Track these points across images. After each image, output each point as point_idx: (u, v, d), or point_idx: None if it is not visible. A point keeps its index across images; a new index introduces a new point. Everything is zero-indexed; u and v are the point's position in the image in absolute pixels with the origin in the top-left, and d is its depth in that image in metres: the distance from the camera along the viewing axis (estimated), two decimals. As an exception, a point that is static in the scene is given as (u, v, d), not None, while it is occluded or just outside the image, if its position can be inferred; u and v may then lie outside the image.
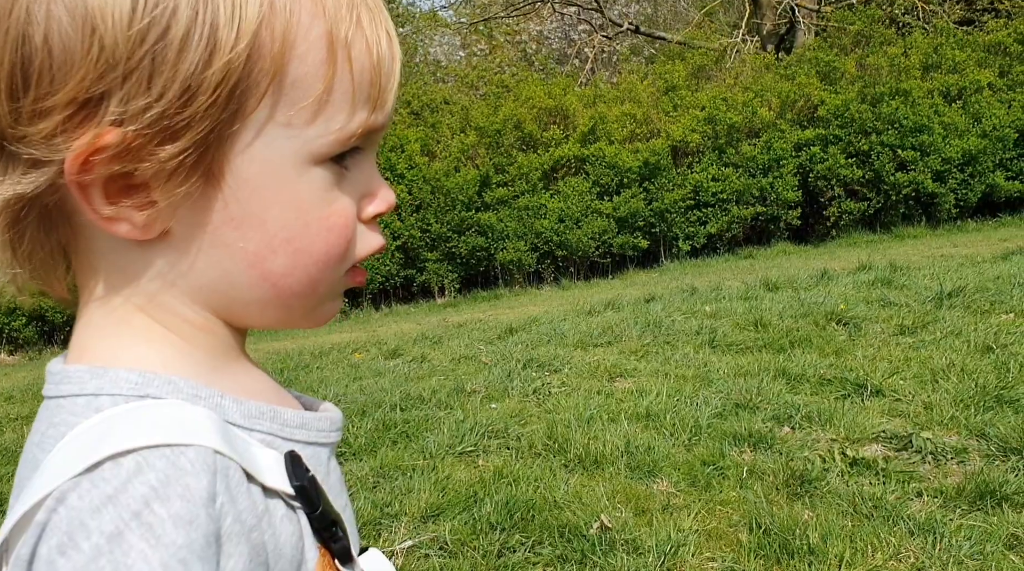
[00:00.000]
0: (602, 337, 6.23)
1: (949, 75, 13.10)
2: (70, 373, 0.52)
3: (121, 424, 0.48)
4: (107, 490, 0.44)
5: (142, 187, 0.50)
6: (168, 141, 0.49)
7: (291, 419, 0.58)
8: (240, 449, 0.51)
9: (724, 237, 12.94)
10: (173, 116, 0.48)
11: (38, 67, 0.47)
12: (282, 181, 0.54)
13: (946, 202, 12.46)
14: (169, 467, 0.45)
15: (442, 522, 3.16)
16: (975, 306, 5.69)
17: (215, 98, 0.49)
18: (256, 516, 0.50)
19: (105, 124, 0.47)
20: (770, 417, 4.02)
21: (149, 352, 0.53)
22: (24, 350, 11.27)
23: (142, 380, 0.51)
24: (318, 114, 0.53)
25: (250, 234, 0.54)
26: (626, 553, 2.81)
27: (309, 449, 0.58)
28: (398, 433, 4.25)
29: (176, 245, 0.53)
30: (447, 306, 11.79)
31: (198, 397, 0.52)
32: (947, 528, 2.76)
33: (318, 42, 0.52)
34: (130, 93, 0.47)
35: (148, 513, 0.44)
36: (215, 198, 0.53)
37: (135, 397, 0.50)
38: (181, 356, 0.54)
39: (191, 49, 0.48)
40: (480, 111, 13.79)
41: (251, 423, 0.55)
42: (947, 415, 3.75)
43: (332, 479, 0.61)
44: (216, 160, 0.51)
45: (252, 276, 0.55)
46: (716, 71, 15.38)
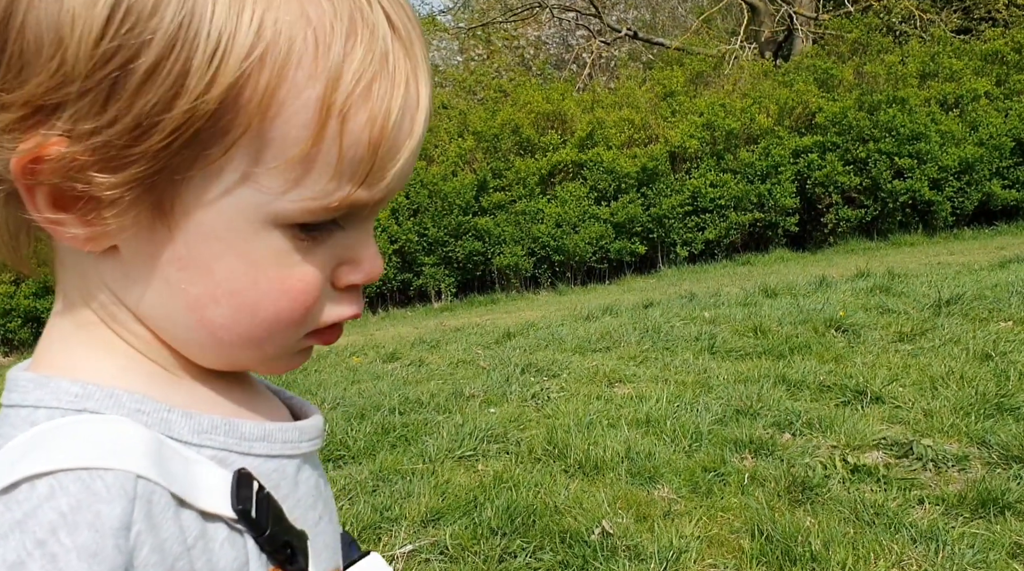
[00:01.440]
0: (600, 342, 6.23)
1: (946, 83, 13.14)
2: (20, 381, 0.51)
3: (44, 443, 0.46)
4: (17, 515, 0.43)
5: (90, 201, 0.48)
6: (110, 170, 0.47)
7: (250, 432, 0.55)
8: (175, 470, 0.48)
9: (722, 243, 12.95)
10: (121, 148, 0.46)
11: (7, 57, 0.46)
12: (237, 235, 0.50)
13: (943, 210, 12.49)
14: (82, 492, 0.44)
15: (442, 526, 3.14)
16: (973, 314, 5.70)
17: (170, 141, 0.46)
18: (184, 544, 0.47)
19: (52, 135, 0.46)
20: (771, 423, 4.01)
21: (103, 360, 0.52)
22: (19, 351, 11.24)
23: (83, 392, 0.49)
24: (289, 178, 0.49)
25: (195, 278, 0.51)
26: (628, 559, 2.80)
27: (272, 463, 0.56)
28: (397, 437, 4.24)
29: (123, 266, 0.52)
30: (444, 310, 11.78)
31: (140, 412, 0.50)
32: (949, 536, 2.75)
33: (308, 105, 0.48)
34: (81, 112, 0.45)
35: (53, 542, 0.42)
36: (163, 234, 0.50)
37: (72, 411, 0.48)
38: (137, 365, 0.53)
39: (155, 85, 0.45)
40: (478, 116, 13.80)
41: (201, 439, 0.52)
42: (947, 423, 3.75)
43: (301, 491, 0.58)
44: (167, 199, 0.49)
45: (191, 319, 0.53)
46: (714, 77, 15.41)
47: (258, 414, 0.58)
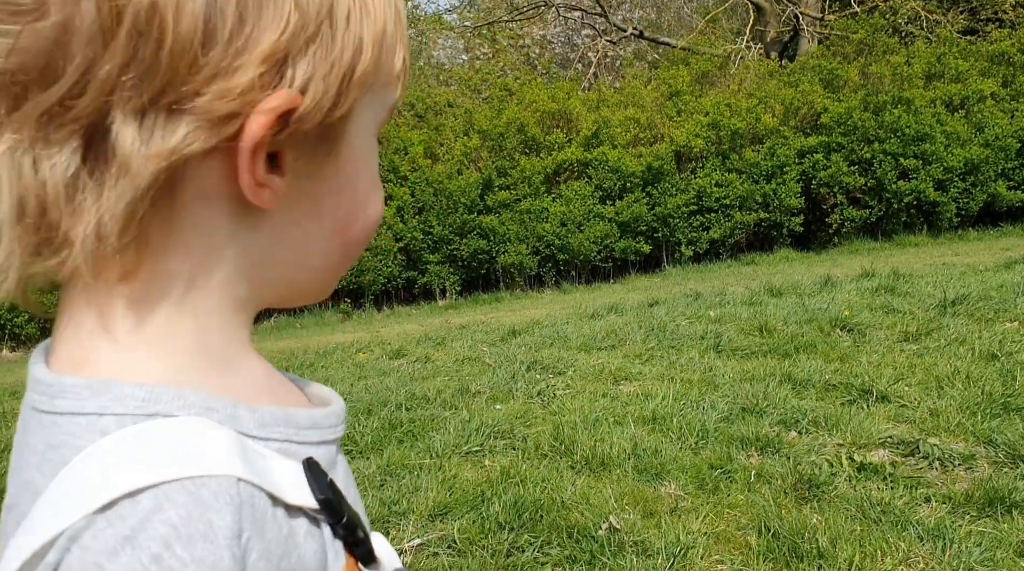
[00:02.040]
0: (606, 341, 6.24)
1: (952, 84, 13.13)
2: (66, 387, 0.47)
3: (134, 452, 0.43)
4: (124, 530, 0.40)
5: (277, 155, 0.49)
6: (336, 107, 0.49)
7: (303, 420, 0.54)
8: (260, 469, 0.47)
9: (727, 243, 12.95)
10: (347, 81, 0.49)
11: (231, 21, 0.44)
12: (368, 148, 0.56)
13: (948, 211, 12.48)
14: (191, 502, 0.42)
15: (450, 521, 3.16)
16: (979, 314, 5.70)
17: (371, 65, 0.50)
18: (283, 544, 0.46)
19: (297, 86, 0.46)
20: (777, 422, 4.02)
21: (159, 359, 0.48)
22: (26, 346, 11.26)
23: (149, 396, 0.46)
24: (390, 86, 0.55)
25: (344, 201, 0.55)
26: (635, 555, 2.81)
27: (321, 449, 0.55)
28: (404, 432, 4.26)
29: (276, 215, 0.51)
30: (448, 308, 11.79)
31: (211, 409, 0.48)
32: (956, 534, 2.76)
33: (393, 19, 0.53)
34: (316, 56, 0.47)
35: (169, 557, 0.40)
36: (329, 165, 0.53)
37: (143, 416, 0.45)
38: (196, 354, 0.50)
39: (356, 14, 0.49)
40: (483, 114, 13.80)
41: (266, 432, 0.50)
42: (954, 422, 3.76)
43: (340, 472, 0.58)
44: (345, 128, 0.52)
45: (334, 243, 0.56)
46: (720, 77, 15.40)
47: (293, 399, 0.58)
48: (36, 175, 0.44)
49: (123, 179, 0.43)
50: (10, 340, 11.29)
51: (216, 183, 0.48)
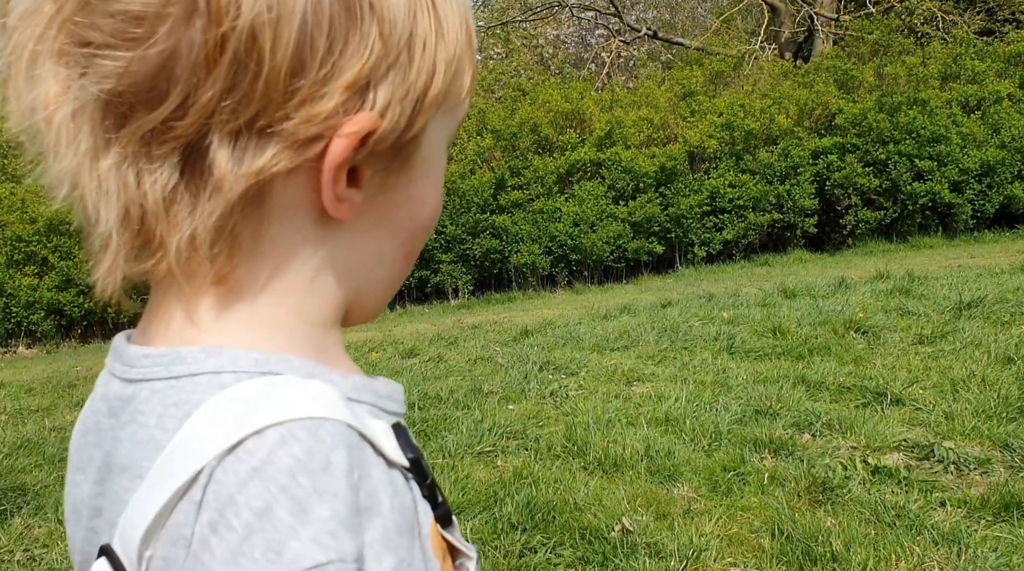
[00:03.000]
0: (618, 341, 6.23)
1: (968, 86, 13.04)
2: (183, 354, 0.51)
3: (256, 398, 0.48)
4: (252, 462, 0.44)
5: (356, 171, 0.52)
6: (410, 127, 0.52)
7: (383, 390, 0.58)
8: (363, 423, 0.51)
9: (740, 244, 12.91)
10: (421, 102, 0.51)
11: (321, 51, 0.47)
12: (439, 162, 0.59)
13: (963, 213, 12.40)
14: (311, 439, 0.46)
15: (463, 521, 3.16)
16: (995, 317, 5.67)
17: (444, 87, 0.53)
18: (390, 486, 0.50)
19: (378, 109, 0.49)
20: (790, 424, 4.01)
21: (263, 334, 0.53)
22: (42, 344, 11.32)
23: (260, 357, 0.51)
24: (461, 104, 0.58)
25: (414, 213, 0.58)
26: (648, 556, 2.81)
27: (397, 419, 0.59)
28: (416, 432, 4.26)
29: (353, 226, 0.55)
30: (461, 308, 11.80)
31: (313, 374, 0.52)
32: (972, 539, 2.75)
33: (464, 35, 0.56)
34: (395, 80, 0.50)
35: (295, 486, 0.44)
36: (401, 179, 0.55)
37: (257, 374, 0.50)
38: (293, 341, 0.54)
39: (432, 40, 0.51)
40: (497, 114, 13.80)
41: (359, 395, 0.55)
42: (969, 425, 3.73)
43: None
44: (419, 145, 0.55)
45: (400, 253, 0.59)
46: (734, 78, 15.35)
47: None
48: (139, 187, 0.48)
49: (216, 195, 0.48)
50: (26, 337, 11.36)
51: (301, 195, 0.52)
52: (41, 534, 3.34)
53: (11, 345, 11.29)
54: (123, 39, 0.45)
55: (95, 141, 0.48)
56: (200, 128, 0.47)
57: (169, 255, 0.49)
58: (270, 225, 0.52)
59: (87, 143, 0.48)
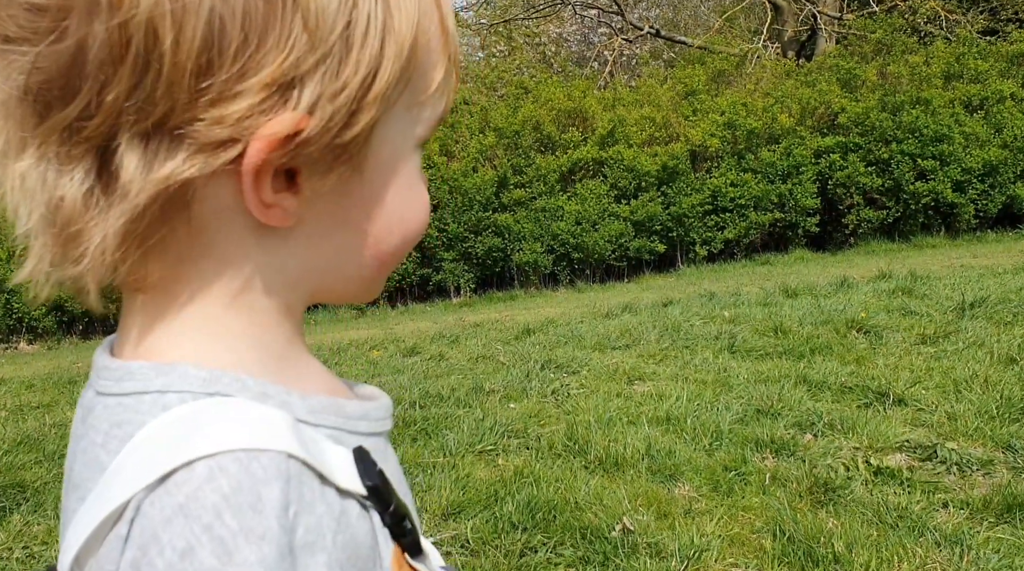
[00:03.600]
0: (620, 340, 6.22)
1: (971, 85, 13.01)
2: (133, 369, 0.49)
3: (189, 426, 0.46)
4: (179, 498, 0.42)
5: (294, 173, 0.49)
6: (348, 127, 0.48)
7: (352, 410, 0.56)
8: (313, 450, 0.49)
9: (742, 243, 12.89)
10: (359, 101, 0.48)
11: (234, 47, 0.44)
12: (403, 163, 0.56)
13: (966, 212, 12.38)
14: (241, 473, 0.43)
15: (463, 520, 3.15)
16: (997, 317, 5.65)
17: (389, 84, 0.49)
18: (335, 520, 0.48)
19: (301, 109, 0.46)
20: (792, 424, 4.00)
21: (218, 346, 0.51)
22: (43, 339, 11.33)
23: (210, 377, 0.49)
24: (432, 101, 0.55)
25: (375, 216, 0.55)
26: (649, 556, 2.80)
27: (371, 440, 0.57)
28: (418, 430, 4.26)
29: (304, 230, 0.53)
30: (463, 306, 11.79)
31: (266, 395, 0.50)
32: (974, 540, 2.74)
33: (436, 31, 0.54)
34: (325, 77, 0.46)
35: (219, 526, 0.42)
36: (354, 182, 0.53)
37: (203, 395, 0.48)
38: (254, 349, 0.52)
39: (372, 33, 0.48)
40: (499, 112, 13.78)
41: (318, 419, 0.52)
42: (972, 426, 3.72)
43: (391, 466, 0.59)
44: (367, 146, 0.52)
45: (367, 256, 0.56)
46: (736, 76, 15.34)
47: (342, 393, 0.60)
48: (56, 189, 0.46)
49: (123, 200, 0.45)
50: (28, 333, 11.36)
51: (232, 199, 0.49)
52: (40, 531, 3.34)
53: (12, 341, 11.30)
54: (32, 32, 0.43)
55: (16, 139, 0.46)
56: (110, 129, 0.44)
57: (86, 261, 0.47)
58: (205, 231, 0.49)
59: (7, 141, 0.46)
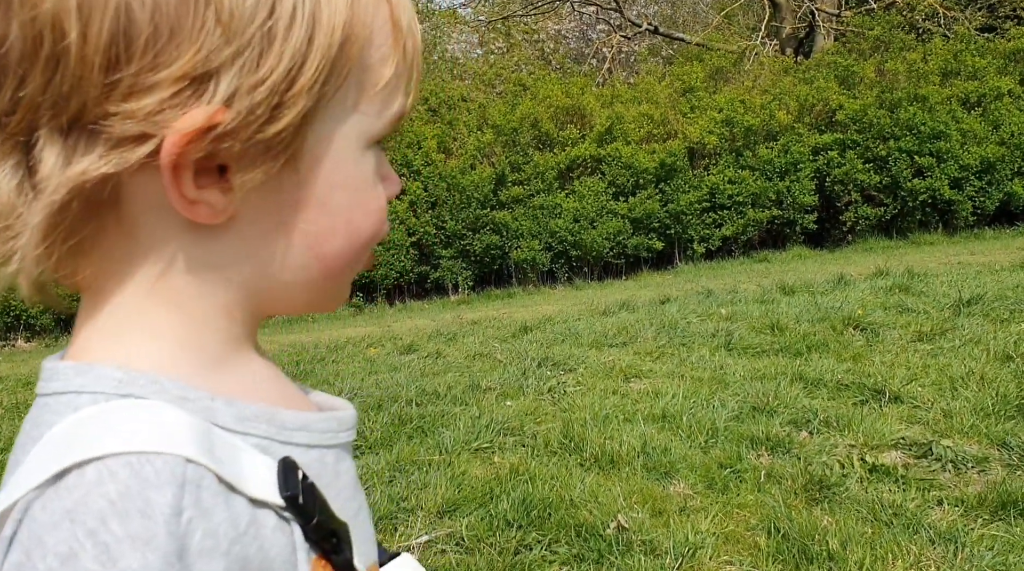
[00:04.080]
0: (617, 338, 6.22)
1: (969, 82, 13.02)
2: (59, 370, 0.49)
3: (91, 428, 0.45)
4: (67, 503, 0.42)
5: (226, 167, 0.48)
6: (273, 120, 0.47)
7: (290, 421, 0.54)
8: (224, 456, 0.47)
9: (739, 240, 12.90)
10: (282, 94, 0.47)
11: (143, 40, 0.43)
12: (348, 163, 0.53)
13: (963, 209, 12.39)
14: (132, 477, 0.42)
15: (458, 518, 3.15)
16: (994, 315, 5.65)
17: (316, 77, 0.48)
18: (237, 530, 0.46)
19: (216, 102, 0.45)
20: (787, 421, 4.00)
21: (150, 347, 0.50)
22: (41, 337, 11.33)
23: (126, 377, 0.48)
24: (381, 98, 0.53)
25: (315, 216, 0.53)
26: (643, 554, 2.80)
27: (313, 452, 0.55)
28: (414, 428, 4.25)
29: (239, 228, 0.51)
30: (461, 303, 11.79)
31: (185, 399, 0.49)
32: (968, 538, 2.73)
33: (385, 26, 0.52)
34: (243, 70, 0.45)
35: (104, 532, 0.41)
36: (289, 180, 0.51)
37: (116, 396, 0.47)
38: (186, 351, 0.51)
39: (297, 25, 0.46)
40: (497, 109, 13.78)
41: (245, 426, 0.51)
42: (967, 423, 3.72)
43: (342, 482, 0.58)
44: (298, 142, 0.50)
45: (308, 257, 0.54)
46: (734, 73, 15.33)
47: (293, 403, 0.58)
48: None
49: (41, 196, 0.45)
50: (25, 330, 11.36)
51: (160, 196, 0.48)
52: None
53: (10, 338, 11.30)
54: None
55: None
56: (29, 124, 0.44)
57: (16, 257, 0.46)
58: (136, 229, 0.49)
59: None
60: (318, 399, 0.64)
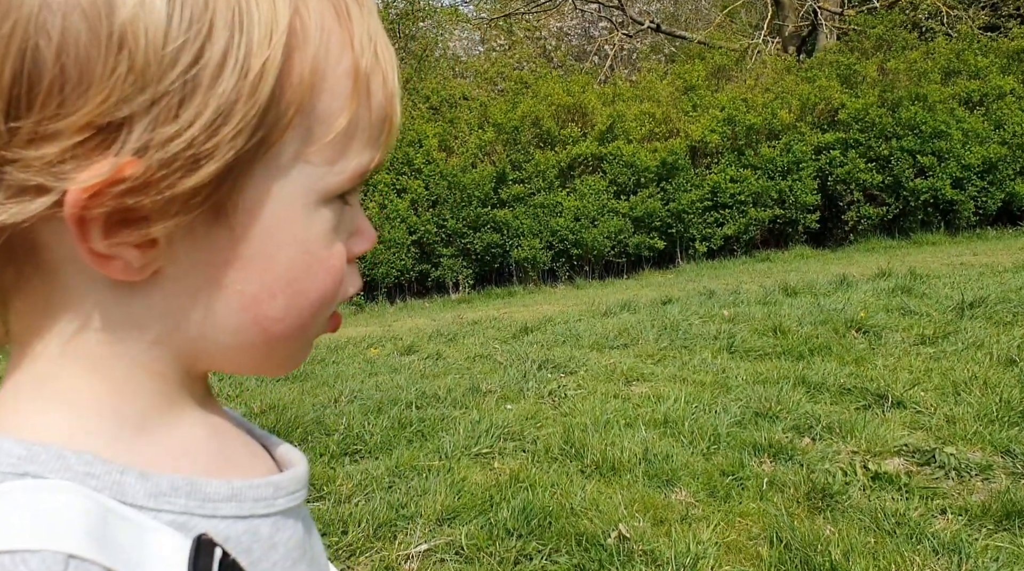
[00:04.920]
0: (618, 339, 6.20)
1: (971, 81, 12.97)
2: None
3: None
4: None
5: (141, 221, 0.45)
6: (190, 173, 0.44)
7: (215, 492, 0.50)
8: (124, 542, 0.43)
9: (741, 239, 12.87)
10: (200, 146, 0.43)
11: (47, 84, 0.41)
12: (293, 220, 0.50)
13: (965, 209, 12.35)
14: None
15: (458, 526, 3.13)
16: (997, 317, 5.63)
17: (241, 128, 0.44)
18: None
19: (126, 153, 0.42)
20: (790, 427, 3.97)
21: (59, 415, 0.47)
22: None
23: (27, 455, 0.44)
24: (336, 151, 0.50)
25: (251, 276, 0.49)
26: (644, 564, 2.78)
27: (242, 524, 0.51)
28: (414, 432, 4.23)
29: (164, 285, 0.48)
30: (461, 302, 11.77)
31: (90, 475, 0.45)
32: (973, 548, 2.71)
33: (345, 76, 0.48)
34: (158, 119, 0.42)
35: None
36: (220, 236, 0.48)
37: (12, 475, 0.43)
38: (102, 418, 0.48)
39: (224, 76, 0.43)
40: (498, 107, 13.74)
41: (158, 502, 0.47)
42: (971, 430, 3.70)
43: (279, 553, 0.53)
44: (228, 195, 0.47)
45: (244, 319, 0.51)
46: (736, 72, 15.29)
47: (235, 467, 0.54)
48: None
49: None
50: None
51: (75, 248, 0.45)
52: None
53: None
54: None
55: None
56: None
57: None
58: (57, 281, 0.46)
59: None
60: (280, 453, 0.59)
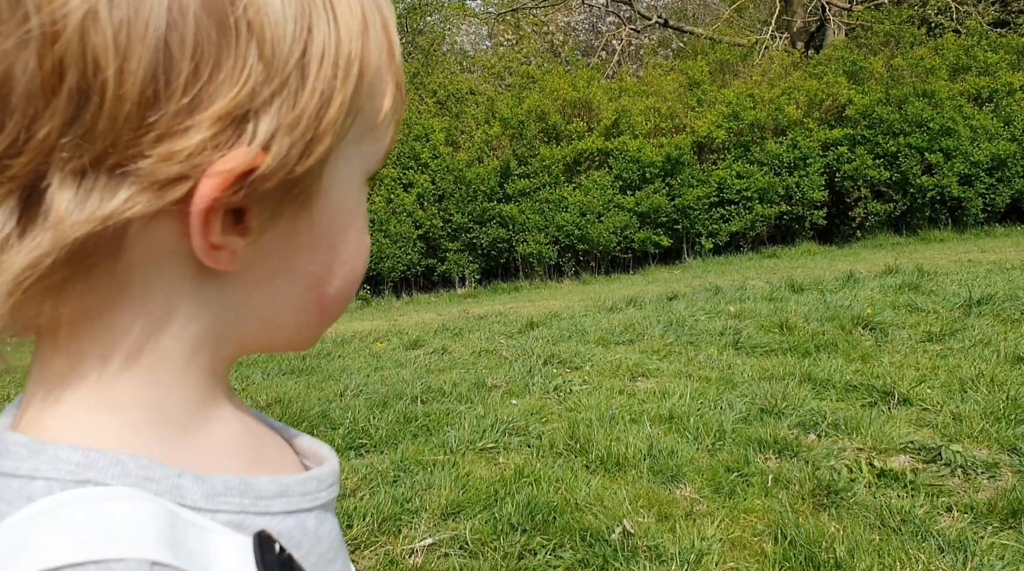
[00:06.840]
0: (624, 335, 6.19)
1: (980, 77, 12.91)
2: (9, 444, 0.44)
3: (43, 528, 0.40)
4: None
5: (243, 212, 0.45)
6: (305, 159, 0.44)
7: (266, 489, 0.50)
8: (192, 546, 0.43)
9: (748, 235, 12.84)
10: (313, 131, 0.44)
11: (183, 77, 0.40)
12: (353, 201, 0.52)
13: (973, 206, 12.31)
14: None
15: (462, 520, 3.13)
16: (1004, 315, 5.61)
17: (341, 111, 0.45)
18: None
19: (257, 142, 0.42)
20: (796, 424, 3.96)
21: (108, 419, 0.45)
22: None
23: (84, 461, 0.43)
24: (378, 131, 0.51)
25: (320, 257, 0.51)
26: (648, 560, 2.78)
27: (292, 519, 0.51)
28: (419, 426, 4.23)
29: (243, 275, 0.48)
30: (467, 297, 11.77)
31: (149, 479, 0.44)
32: (978, 546, 2.70)
33: (385, 55, 0.49)
34: (282, 107, 0.43)
35: None
36: (302, 219, 0.48)
37: (73, 483, 0.42)
38: (150, 421, 0.47)
39: (327, 59, 0.44)
40: (505, 102, 13.73)
41: (216, 503, 0.46)
42: (977, 427, 3.68)
43: (324, 545, 0.53)
44: (317, 182, 0.48)
45: (308, 300, 0.52)
46: (744, 67, 15.24)
47: (270, 463, 0.54)
48: None
49: (45, 237, 0.40)
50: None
51: (171, 242, 0.44)
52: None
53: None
54: None
55: None
56: (38, 168, 0.40)
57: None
58: (132, 277, 0.45)
59: None
60: (301, 444, 0.59)
